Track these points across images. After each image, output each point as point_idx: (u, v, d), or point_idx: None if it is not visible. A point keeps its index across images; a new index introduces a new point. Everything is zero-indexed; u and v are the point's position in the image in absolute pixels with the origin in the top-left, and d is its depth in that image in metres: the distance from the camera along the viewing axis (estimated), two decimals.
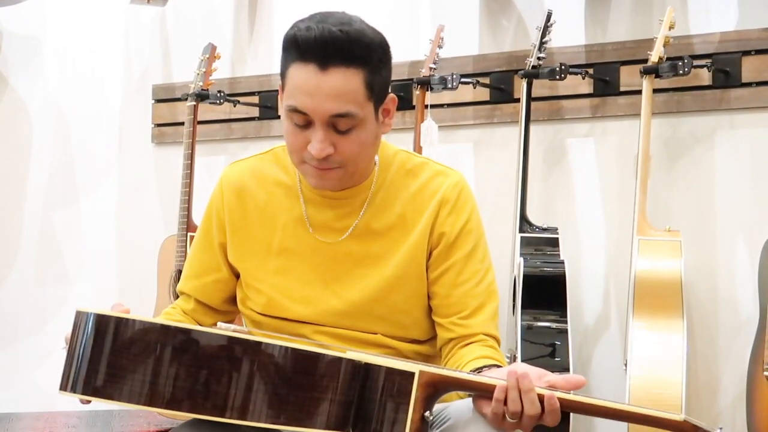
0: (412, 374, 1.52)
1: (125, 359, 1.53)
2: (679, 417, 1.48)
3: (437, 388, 1.55)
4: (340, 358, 1.54)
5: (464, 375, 1.59)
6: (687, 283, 2.73)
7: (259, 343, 1.54)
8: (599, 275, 3.10)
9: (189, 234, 3.34)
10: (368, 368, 1.54)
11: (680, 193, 3.01)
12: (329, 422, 1.52)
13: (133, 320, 1.54)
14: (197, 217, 3.37)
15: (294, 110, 1.77)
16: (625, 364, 2.66)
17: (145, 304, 3.55)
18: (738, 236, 2.93)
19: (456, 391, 1.63)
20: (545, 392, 1.53)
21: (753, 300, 2.74)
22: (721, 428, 1.50)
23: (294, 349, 1.54)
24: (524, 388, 1.53)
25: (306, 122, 1.78)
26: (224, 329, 1.55)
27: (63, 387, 1.56)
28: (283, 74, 1.81)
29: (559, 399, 1.53)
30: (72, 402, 4.09)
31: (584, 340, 3.11)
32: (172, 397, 1.52)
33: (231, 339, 1.53)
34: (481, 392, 1.57)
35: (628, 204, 2.85)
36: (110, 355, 1.54)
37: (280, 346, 1.54)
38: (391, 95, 1.85)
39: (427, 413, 1.53)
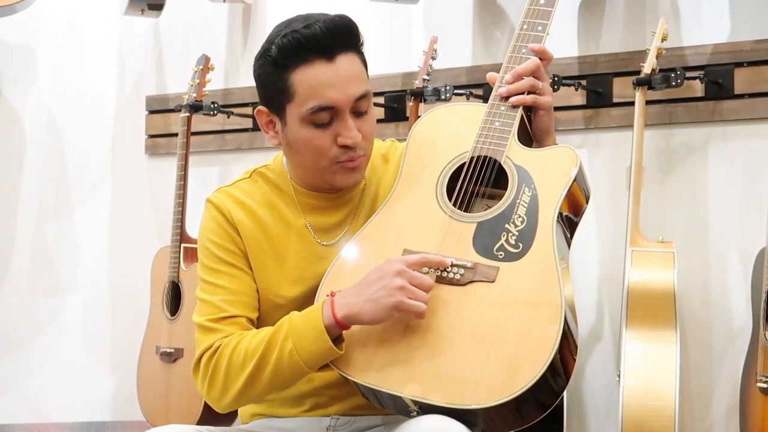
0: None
1: None
2: None
3: None
4: None
5: None
6: (680, 294, 2.73)
7: None
8: (592, 287, 3.11)
9: (182, 245, 3.34)
10: None
11: (673, 205, 3.01)
12: None
13: None
14: (191, 229, 3.36)
15: (319, 110, 1.81)
16: (618, 376, 2.66)
17: (138, 316, 3.55)
18: (731, 247, 2.93)
19: None
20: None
21: (746, 310, 2.74)
22: None
23: None
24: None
25: (330, 118, 1.82)
26: None
27: None
28: (282, 91, 1.83)
29: None
30: (64, 413, 4.09)
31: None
32: None
33: None
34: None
35: (621, 215, 2.85)
36: None
37: None
38: None
39: None
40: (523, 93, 1.90)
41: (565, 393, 2.80)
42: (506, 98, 1.90)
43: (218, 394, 1.84)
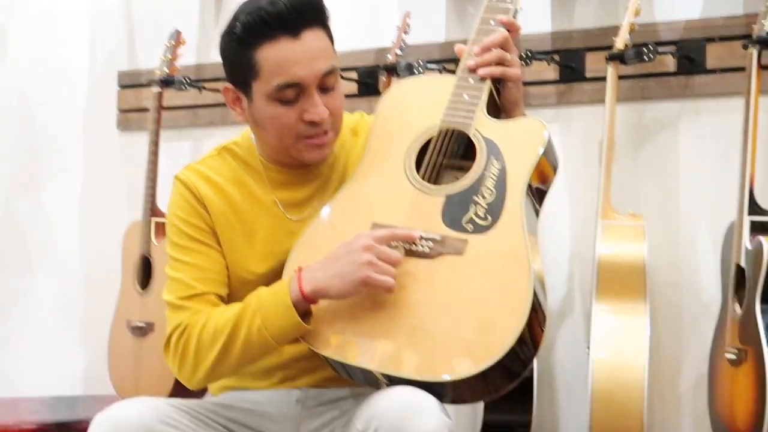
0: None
1: None
2: None
3: None
4: None
5: None
6: (650, 266, 2.74)
7: None
8: (563, 260, 3.11)
9: (154, 219, 3.32)
10: None
11: (645, 179, 3.02)
12: None
13: None
14: (162, 203, 3.35)
15: (285, 86, 1.80)
16: (588, 348, 2.68)
17: (109, 291, 3.53)
18: (701, 221, 2.95)
19: None
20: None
21: (715, 283, 2.76)
22: None
23: None
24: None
25: (296, 95, 1.82)
26: None
27: None
28: (248, 68, 1.82)
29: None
30: (35, 388, 4.07)
31: (548, 324, 3.10)
32: None
33: None
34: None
35: (593, 190, 2.86)
36: None
37: None
38: None
39: None
40: (491, 65, 1.89)
41: (535, 365, 2.82)
42: (474, 70, 1.90)
43: (189, 372, 1.85)
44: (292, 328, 1.76)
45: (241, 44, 1.82)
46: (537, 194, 1.89)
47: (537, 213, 1.90)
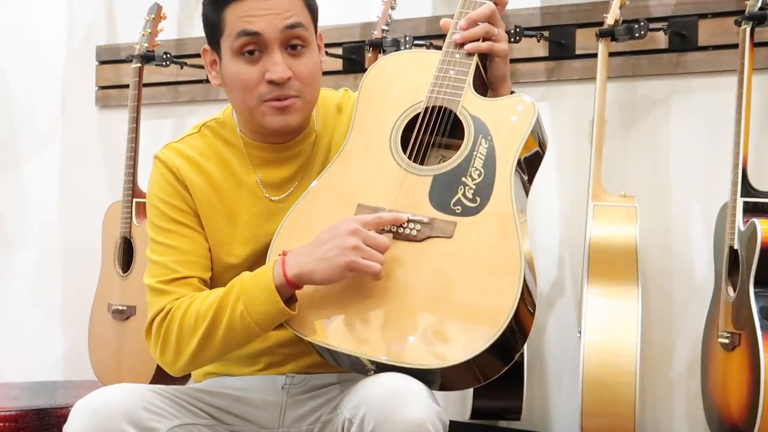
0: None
1: None
2: None
3: None
4: None
5: None
6: (642, 248, 2.72)
7: None
8: (554, 242, 3.09)
9: (134, 200, 3.28)
10: None
11: (636, 158, 3.00)
12: None
13: None
14: (143, 183, 3.30)
15: (243, 34, 1.80)
16: (579, 332, 2.65)
17: (89, 273, 3.49)
18: (693, 201, 2.92)
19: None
20: None
21: (708, 265, 2.74)
22: None
23: None
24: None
25: (258, 51, 1.80)
26: None
27: None
28: (216, 27, 1.83)
29: None
30: (15, 373, 4.03)
31: (538, 307, 3.07)
32: None
33: None
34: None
35: (583, 169, 2.83)
36: None
37: None
38: (320, 33, 1.91)
39: None
40: (478, 40, 1.84)
41: (526, 350, 2.79)
42: (461, 45, 1.85)
43: (171, 358, 1.82)
44: (276, 313, 1.73)
45: (213, 5, 1.84)
46: (526, 174, 1.85)
47: (526, 193, 1.86)
